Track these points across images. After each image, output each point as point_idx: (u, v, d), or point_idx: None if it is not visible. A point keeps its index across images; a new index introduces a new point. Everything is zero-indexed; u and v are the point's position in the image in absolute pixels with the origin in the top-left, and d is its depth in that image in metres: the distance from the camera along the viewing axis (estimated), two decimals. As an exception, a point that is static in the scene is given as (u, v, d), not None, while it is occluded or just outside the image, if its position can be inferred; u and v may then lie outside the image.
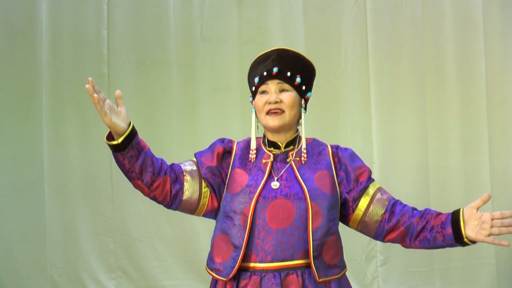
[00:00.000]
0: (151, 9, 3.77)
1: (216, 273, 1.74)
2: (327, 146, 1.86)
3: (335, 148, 1.85)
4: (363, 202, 1.79)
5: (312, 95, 4.27)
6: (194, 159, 1.85)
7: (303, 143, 1.80)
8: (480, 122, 3.74)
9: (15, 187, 3.72)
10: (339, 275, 1.77)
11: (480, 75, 3.75)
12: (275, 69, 1.79)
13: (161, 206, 1.86)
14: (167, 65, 3.77)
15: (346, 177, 1.80)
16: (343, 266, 1.80)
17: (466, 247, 3.82)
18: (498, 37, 3.76)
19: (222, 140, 1.87)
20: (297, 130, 1.88)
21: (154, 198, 1.81)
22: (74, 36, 3.75)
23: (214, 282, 1.79)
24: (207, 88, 3.76)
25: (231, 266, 1.71)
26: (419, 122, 3.74)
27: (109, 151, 3.89)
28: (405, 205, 1.80)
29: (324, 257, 1.72)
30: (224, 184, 1.81)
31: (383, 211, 1.78)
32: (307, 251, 1.71)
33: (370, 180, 1.83)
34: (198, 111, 3.78)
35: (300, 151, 1.81)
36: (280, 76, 1.79)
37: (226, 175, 1.81)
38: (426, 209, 1.78)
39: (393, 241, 1.80)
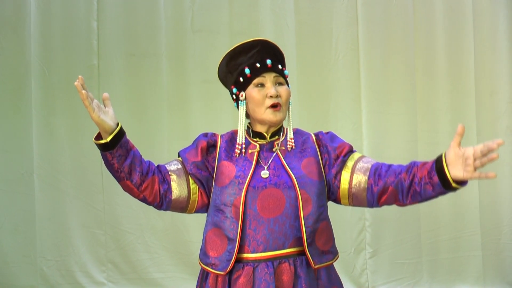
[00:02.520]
0: (142, 1, 3.75)
1: (212, 268, 1.74)
2: (310, 134, 1.86)
3: (317, 134, 1.85)
4: (345, 176, 1.78)
5: (303, 88, 4.25)
6: (179, 158, 1.85)
7: (290, 133, 1.81)
8: (468, 115, 3.77)
9: (5, 179, 3.70)
10: (333, 261, 1.78)
11: (469, 68, 3.77)
12: (268, 61, 1.78)
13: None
14: (157, 57, 3.75)
15: (328, 158, 1.80)
16: (335, 252, 1.81)
17: (452, 242, 3.86)
18: (487, 30, 3.78)
19: (205, 135, 1.86)
20: None
21: (144, 200, 1.80)
22: (64, 27, 3.72)
23: (205, 275, 1.78)
24: (197, 80, 3.75)
25: (227, 259, 1.71)
26: (409, 114, 3.76)
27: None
28: (390, 165, 1.76)
29: (317, 244, 1.73)
30: (212, 177, 1.80)
31: (367, 177, 1.76)
32: (299, 239, 1.72)
33: (348, 153, 1.81)
34: (189, 103, 3.77)
35: (285, 140, 1.81)
36: (275, 69, 1.79)
37: (213, 169, 1.80)
38: (411, 163, 1.72)
39: (387, 202, 1.75)
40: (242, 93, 1.80)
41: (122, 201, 3.73)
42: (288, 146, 1.79)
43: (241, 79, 1.80)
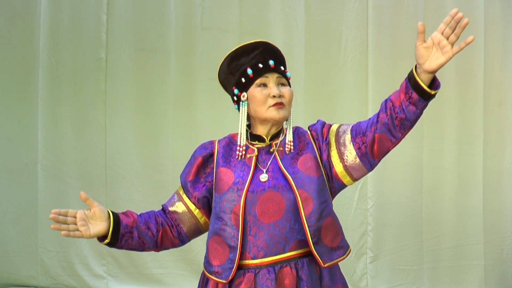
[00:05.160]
0: (152, -5, 3.76)
1: (216, 276, 1.71)
2: (307, 131, 1.82)
3: (310, 128, 1.82)
4: (334, 154, 1.74)
5: (310, 89, 4.23)
6: (178, 189, 1.85)
7: (290, 135, 1.77)
8: (476, 123, 3.74)
9: (8, 168, 3.72)
10: (344, 256, 1.74)
11: (478, 77, 3.74)
12: (271, 62, 1.76)
13: (156, 194, 1.85)
14: (165, 53, 3.75)
15: (322, 149, 1.77)
16: (346, 246, 1.75)
17: (454, 250, 3.83)
18: (498, 38, 3.75)
19: (201, 148, 1.83)
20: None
21: (166, 249, 1.85)
22: (73, 20, 3.73)
23: (205, 280, 1.76)
24: (205, 77, 3.75)
25: (229, 267, 1.69)
26: (415, 120, 3.74)
27: (104, 136, 3.91)
28: (368, 119, 1.73)
29: (324, 241, 1.69)
30: (212, 186, 1.78)
31: (352, 144, 1.73)
32: (299, 241, 1.69)
33: (328, 133, 1.77)
34: (195, 100, 3.77)
35: (284, 141, 1.78)
36: (277, 69, 1.77)
37: (213, 178, 1.78)
38: (382, 102, 1.71)
39: (381, 151, 1.71)
40: (244, 93, 1.77)
41: (125, 195, 3.74)
42: (286, 149, 1.76)
43: (243, 80, 1.77)
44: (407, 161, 3.74)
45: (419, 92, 1.63)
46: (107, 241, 1.74)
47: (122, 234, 1.75)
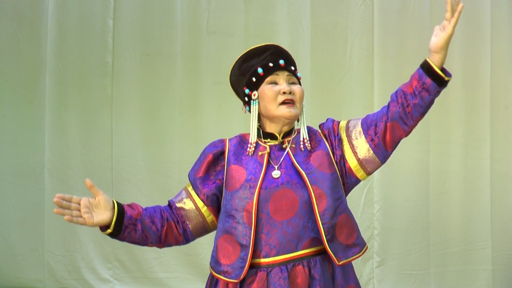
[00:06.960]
0: (158, 0, 3.77)
1: (225, 276, 1.69)
2: (318, 130, 1.83)
3: (320, 127, 1.83)
4: (346, 149, 1.75)
5: (316, 93, 4.24)
6: (186, 186, 1.83)
7: (305, 133, 1.77)
8: (483, 127, 3.73)
9: (15, 172, 3.73)
10: (361, 253, 1.73)
11: (485, 80, 3.73)
12: (281, 61, 1.77)
13: (161, 198, 1.83)
14: (171, 57, 3.77)
15: (335, 146, 1.77)
16: (362, 244, 1.74)
17: (462, 255, 3.81)
18: (505, 41, 3.75)
19: (212, 146, 1.82)
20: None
21: (169, 246, 1.82)
22: (80, 24, 3.75)
23: (214, 281, 1.74)
24: (210, 81, 3.76)
25: (240, 267, 1.66)
26: (421, 124, 3.66)
27: (110, 140, 3.92)
28: (378, 111, 1.76)
29: (339, 238, 1.68)
30: (223, 184, 1.77)
31: (364, 137, 1.74)
32: (312, 239, 1.68)
33: (338, 129, 1.79)
34: (201, 104, 3.78)
35: (297, 139, 1.78)
36: (288, 68, 1.79)
37: (223, 176, 1.77)
38: (392, 93, 1.74)
39: (394, 140, 1.73)
40: (255, 92, 1.77)
41: (131, 199, 3.72)
42: (301, 146, 1.76)
43: (254, 79, 1.78)
44: (413, 165, 3.72)
45: (432, 77, 1.67)
46: (109, 231, 1.71)
47: (125, 226, 1.71)
